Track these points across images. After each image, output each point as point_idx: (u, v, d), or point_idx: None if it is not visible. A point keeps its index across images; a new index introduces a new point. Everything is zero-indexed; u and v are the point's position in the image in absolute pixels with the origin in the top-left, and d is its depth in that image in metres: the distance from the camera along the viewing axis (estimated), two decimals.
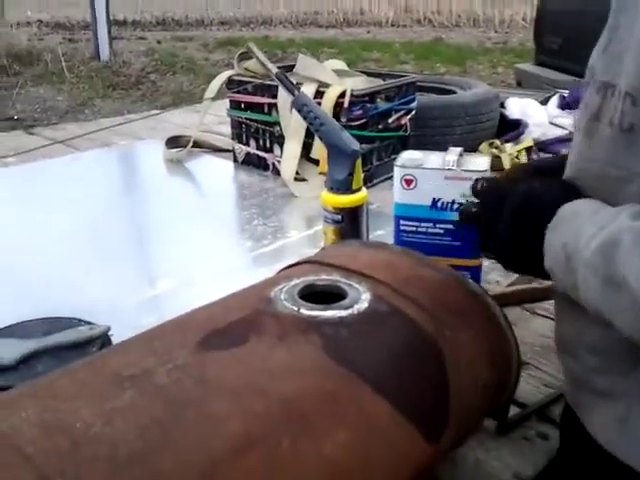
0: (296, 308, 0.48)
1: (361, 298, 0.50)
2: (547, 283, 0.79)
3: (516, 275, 0.87)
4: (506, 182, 0.56)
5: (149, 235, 1.09)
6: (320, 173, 1.21)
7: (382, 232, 1.02)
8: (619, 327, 0.40)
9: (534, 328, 0.79)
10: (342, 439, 0.39)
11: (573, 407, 0.53)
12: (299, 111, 0.84)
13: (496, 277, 0.91)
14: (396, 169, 0.82)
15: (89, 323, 0.66)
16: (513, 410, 0.60)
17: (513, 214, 0.49)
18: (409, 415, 0.44)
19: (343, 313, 0.48)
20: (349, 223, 0.82)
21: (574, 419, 0.57)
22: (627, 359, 0.45)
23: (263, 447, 0.36)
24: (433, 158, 0.82)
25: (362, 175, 0.84)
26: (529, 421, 0.61)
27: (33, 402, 0.38)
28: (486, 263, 0.92)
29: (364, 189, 0.83)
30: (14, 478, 0.31)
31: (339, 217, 0.81)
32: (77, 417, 0.36)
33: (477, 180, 0.56)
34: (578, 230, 0.43)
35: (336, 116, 1.20)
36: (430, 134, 1.30)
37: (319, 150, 1.22)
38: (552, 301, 0.59)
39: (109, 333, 0.66)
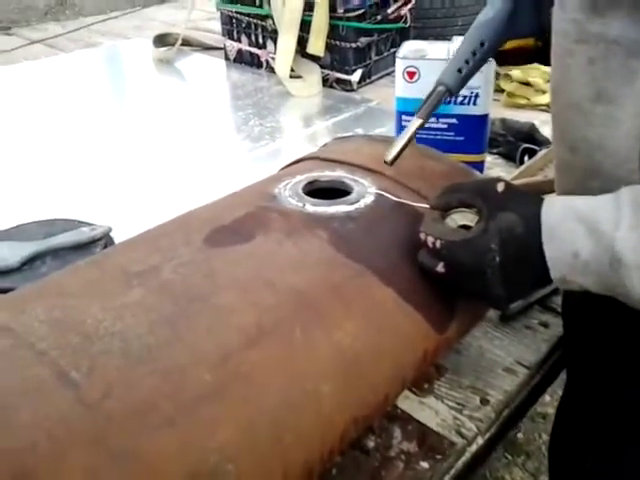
0: (301, 204, 0.47)
1: (367, 192, 0.49)
2: (552, 175, 0.77)
3: (519, 170, 0.86)
4: (466, 240, 0.43)
5: (142, 138, 1.05)
6: None
7: (383, 129, 0.99)
8: None
9: None
10: (352, 328, 0.40)
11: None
12: None
13: (499, 172, 0.90)
14: (398, 61, 0.78)
15: (89, 224, 0.65)
16: None
17: (502, 264, 0.41)
18: (417, 304, 0.44)
19: (349, 208, 0.47)
20: None
21: (575, 306, 0.58)
22: None
23: (276, 337, 0.36)
24: (437, 48, 0.79)
25: None
26: (531, 311, 0.62)
27: (41, 301, 0.38)
28: (489, 159, 0.91)
29: None
30: (31, 374, 0.31)
31: None
32: (86, 314, 0.36)
33: (435, 239, 0.44)
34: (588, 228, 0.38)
35: (332, 6, 1.14)
36: (431, 25, 1.23)
37: (316, 44, 1.16)
38: None
39: (110, 234, 0.65)
